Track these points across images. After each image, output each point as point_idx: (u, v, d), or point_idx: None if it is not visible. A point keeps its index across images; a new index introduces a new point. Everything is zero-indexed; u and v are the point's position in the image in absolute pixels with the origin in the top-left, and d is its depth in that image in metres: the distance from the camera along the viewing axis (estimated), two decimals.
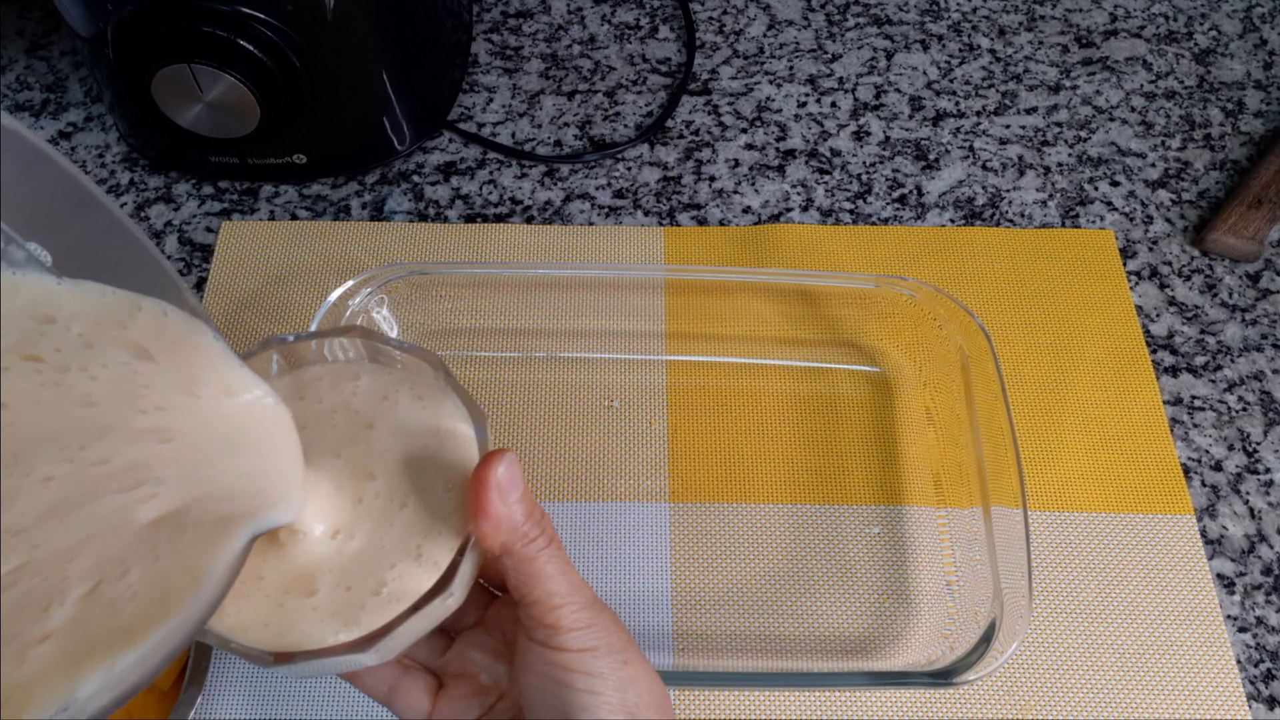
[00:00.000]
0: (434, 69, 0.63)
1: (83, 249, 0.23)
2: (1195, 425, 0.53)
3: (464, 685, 0.32)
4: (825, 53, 0.68)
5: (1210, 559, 0.49)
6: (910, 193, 0.61)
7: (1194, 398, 0.54)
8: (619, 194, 0.61)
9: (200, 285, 0.57)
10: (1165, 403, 0.53)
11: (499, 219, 0.60)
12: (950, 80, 0.67)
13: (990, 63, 0.68)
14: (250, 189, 0.61)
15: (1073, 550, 0.49)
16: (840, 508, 0.50)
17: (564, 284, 0.54)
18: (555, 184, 0.62)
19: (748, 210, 0.61)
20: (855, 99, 0.66)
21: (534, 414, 0.52)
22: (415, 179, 0.62)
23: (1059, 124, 0.65)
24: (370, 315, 0.51)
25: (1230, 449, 0.52)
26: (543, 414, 0.52)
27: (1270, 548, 0.49)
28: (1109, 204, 0.61)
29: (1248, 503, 0.50)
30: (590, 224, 0.60)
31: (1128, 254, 0.59)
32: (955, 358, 0.50)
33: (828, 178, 0.62)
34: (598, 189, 0.61)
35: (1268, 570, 0.49)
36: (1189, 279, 0.58)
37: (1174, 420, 0.53)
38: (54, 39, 0.68)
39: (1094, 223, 0.60)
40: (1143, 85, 0.67)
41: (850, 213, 0.60)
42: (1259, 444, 0.52)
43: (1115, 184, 0.62)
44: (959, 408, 0.49)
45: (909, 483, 0.50)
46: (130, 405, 0.22)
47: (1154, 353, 0.55)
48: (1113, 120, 0.65)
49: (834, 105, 0.66)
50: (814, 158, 0.63)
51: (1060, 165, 0.63)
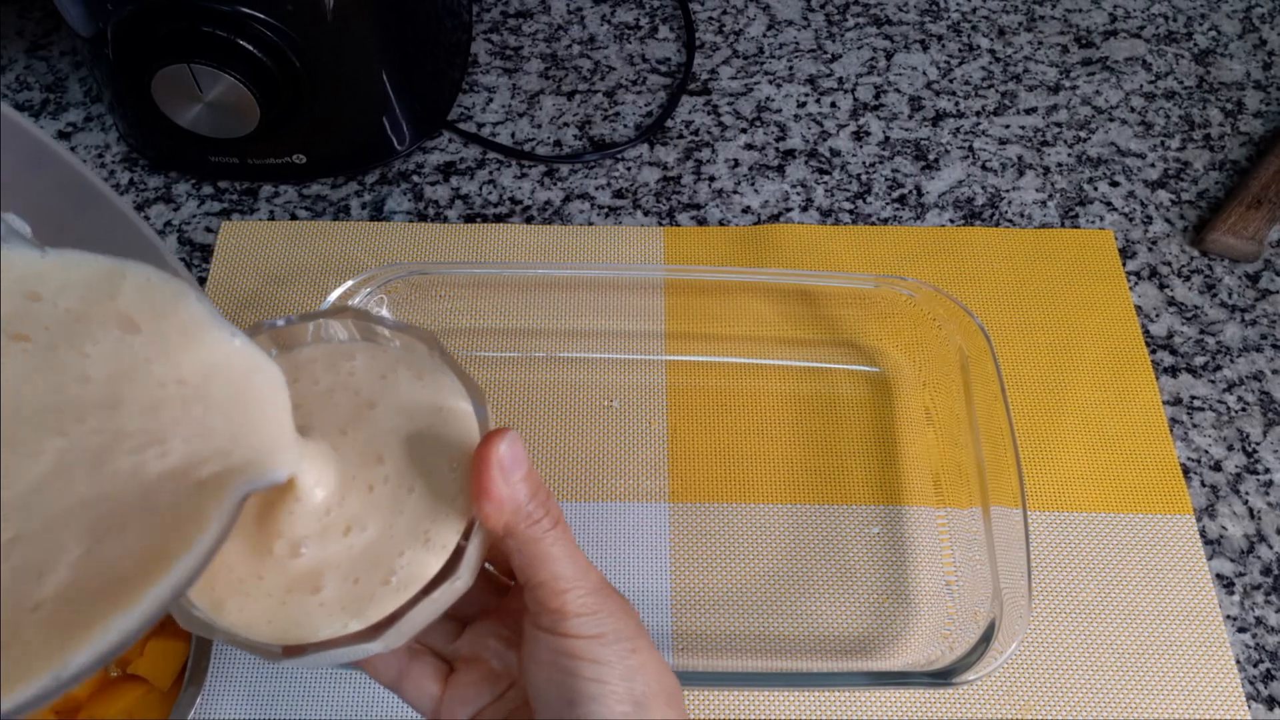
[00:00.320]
0: (434, 69, 0.63)
1: (57, 214, 0.23)
2: (1195, 425, 0.53)
3: (475, 671, 0.31)
4: (825, 53, 0.68)
5: (1210, 559, 0.49)
6: (910, 193, 0.61)
7: (1193, 398, 0.54)
8: (619, 194, 0.61)
9: (200, 285, 0.57)
10: (1165, 403, 0.53)
11: (499, 219, 0.60)
12: (950, 80, 0.67)
13: (990, 63, 0.68)
14: (250, 189, 0.61)
15: (1072, 550, 0.49)
16: (840, 508, 0.50)
17: (564, 284, 0.54)
18: (555, 184, 0.62)
19: (747, 210, 0.61)
20: (855, 99, 0.66)
21: (534, 414, 0.52)
22: (415, 179, 0.62)
23: (1059, 124, 0.65)
24: None
25: (1230, 449, 0.52)
26: (542, 414, 0.52)
27: (1269, 548, 0.49)
28: (1109, 204, 0.61)
29: (1247, 503, 0.51)
30: (590, 224, 0.60)
31: (1127, 254, 0.59)
32: (955, 358, 0.50)
33: (827, 178, 0.62)
34: (597, 189, 0.61)
35: (1267, 570, 0.49)
36: (1188, 279, 0.58)
37: (1173, 420, 0.53)
38: (54, 39, 0.68)
39: (1094, 223, 0.60)
40: (1142, 85, 0.67)
41: (850, 213, 0.60)
42: (1258, 444, 0.52)
43: (1115, 184, 0.62)
44: (958, 408, 0.49)
45: (908, 483, 0.51)
46: (124, 376, 0.22)
47: (1153, 353, 0.55)
48: (1112, 120, 0.65)
49: (834, 105, 0.66)
50: (814, 158, 0.63)
51: (1060, 165, 0.63)
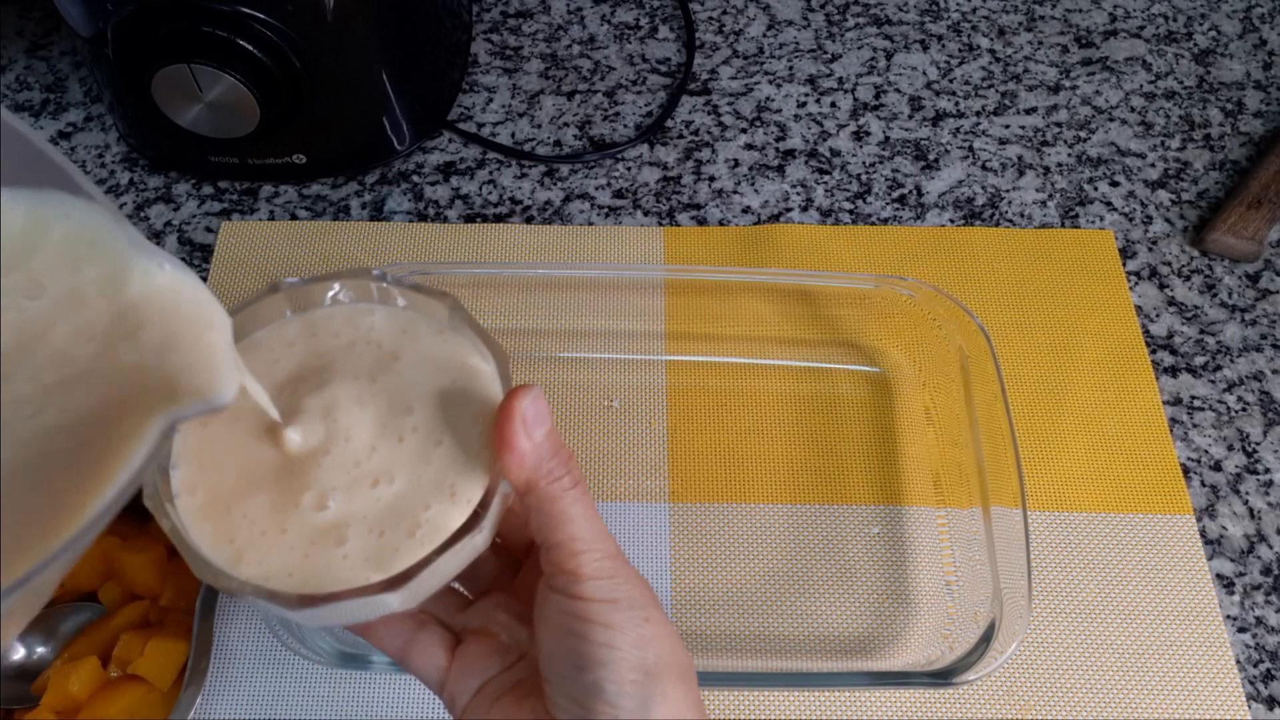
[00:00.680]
0: (434, 69, 0.63)
1: None
2: (1195, 425, 0.53)
3: (483, 642, 0.31)
4: (825, 53, 0.68)
5: (1210, 559, 0.49)
6: (910, 193, 0.61)
7: (1193, 398, 0.54)
8: (619, 194, 0.61)
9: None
10: (1165, 403, 0.53)
11: (499, 219, 0.60)
12: (950, 80, 0.67)
13: (990, 63, 0.68)
14: (250, 189, 0.61)
15: (1072, 550, 0.49)
16: (840, 508, 0.50)
17: (564, 284, 0.54)
18: (555, 184, 0.62)
19: (747, 210, 0.61)
20: (855, 99, 0.66)
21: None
22: (415, 179, 0.62)
23: (1059, 124, 0.65)
24: None
25: (1230, 449, 0.52)
26: None
27: (1270, 548, 0.49)
28: (1109, 204, 0.61)
29: (1247, 503, 0.51)
30: (590, 224, 0.60)
31: (1127, 254, 0.59)
32: (955, 358, 0.50)
33: (827, 178, 0.62)
34: (597, 189, 0.61)
35: (1267, 570, 0.49)
36: (1189, 279, 0.58)
37: (1173, 420, 0.53)
38: (54, 39, 0.68)
39: (1094, 223, 0.60)
40: (1142, 85, 0.67)
41: (850, 213, 0.60)
42: (1258, 444, 0.52)
43: (1115, 184, 0.62)
44: (958, 408, 0.49)
45: (908, 483, 0.51)
46: (59, 315, 0.22)
47: (1153, 353, 0.55)
48: (1112, 120, 0.65)
49: (834, 105, 0.66)
50: (814, 158, 0.63)
51: (1060, 165, 0.63)
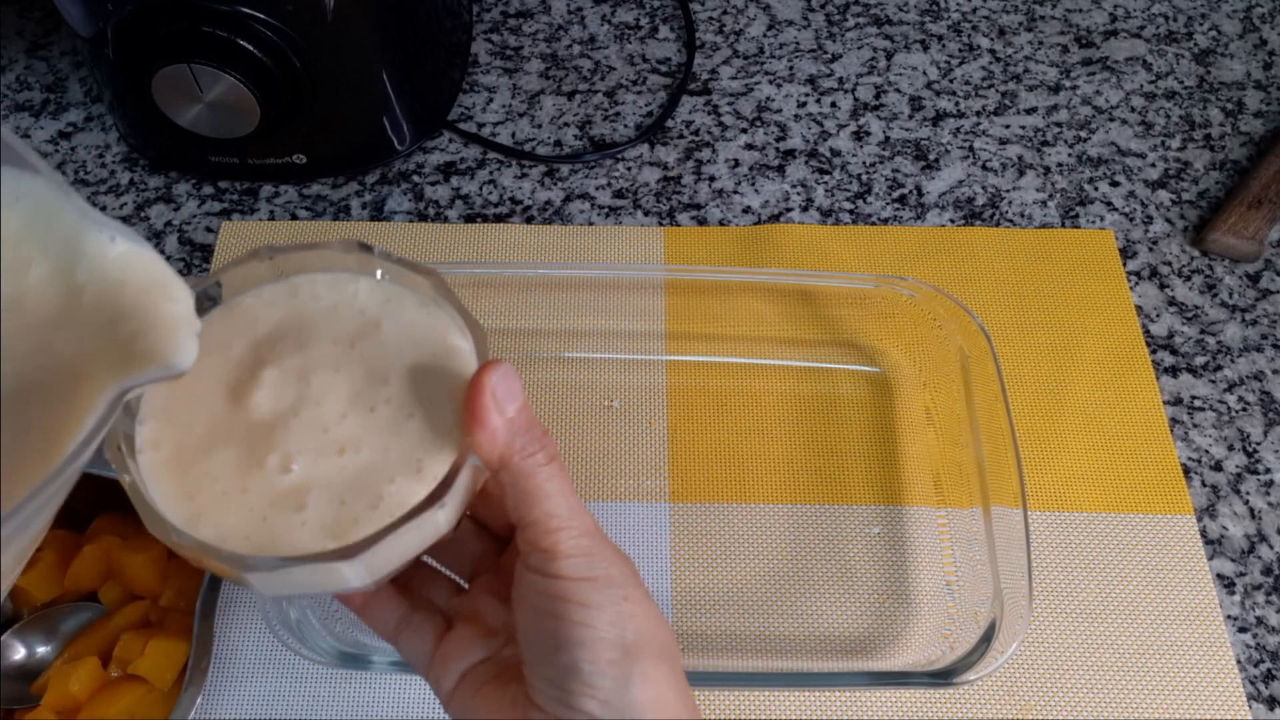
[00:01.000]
0: (434, 69, 0.63)
1: None
2: (1195, 425, 0.53)
3: (472, 627, 0.31)
4: (825, 53, 0.68)
5: (1210, 559, 0.49)
6: (910, 193, 0.61)
7: (1194, 398, 0.54)
8: (619, 194, 0.61)
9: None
10: (1165, 403, 0.53)
11: (499, 219, 0.60)
12: (950, 80, 0.67)
13: (990, 63, 0.68)
14: (250, 189, 0.61)
15: (1073, 550, 0.49)
16: (840, 508, 0.50)
17: (564, 284, 0.54)
18: (555, 184, 0.62)
19: (748, 210, 0.61)
20: (855, 99, 0.66)
21: (534, 414, 0.52)
22: (415, 179, 0.62)
23: (1059, 124, 0.65)
24: None
25: (1230, 449, 0.52)
26: (543, 414, 0.52)
27: (1270, 548, 0.49)
28: (1109, 204, 0.61)
29: (1248, 503, 0.50)
30: (590, 224, 0.60)
31: (1128, 254, 0.59)
32: (955, 358, 0.50)
33: (828, 178, 0.62)
34: (598, 189, 0.61)
35: (1268, 570, 0.49)
36: (1189, 279, 0.58)
37: (1174, 420, 0.53)
38: (54, 39, 0.68)
39: (1094, 223, 0.60)
40: (1143, 85, 0.67)
41: (850, 213, 0.60)
42: (1259, 444, 0.52)
43: (1115, 184, 0.62)
44: (959, 408, 0.49)
45: (909, 483, 0.50)
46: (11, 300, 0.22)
47: (1154, 353, 0.55)
48: (1113, 120, 0.65)
49: (834, 105, 0.66)
50: (814, 158, 0.63)
51: (1060, 165, 0.63)
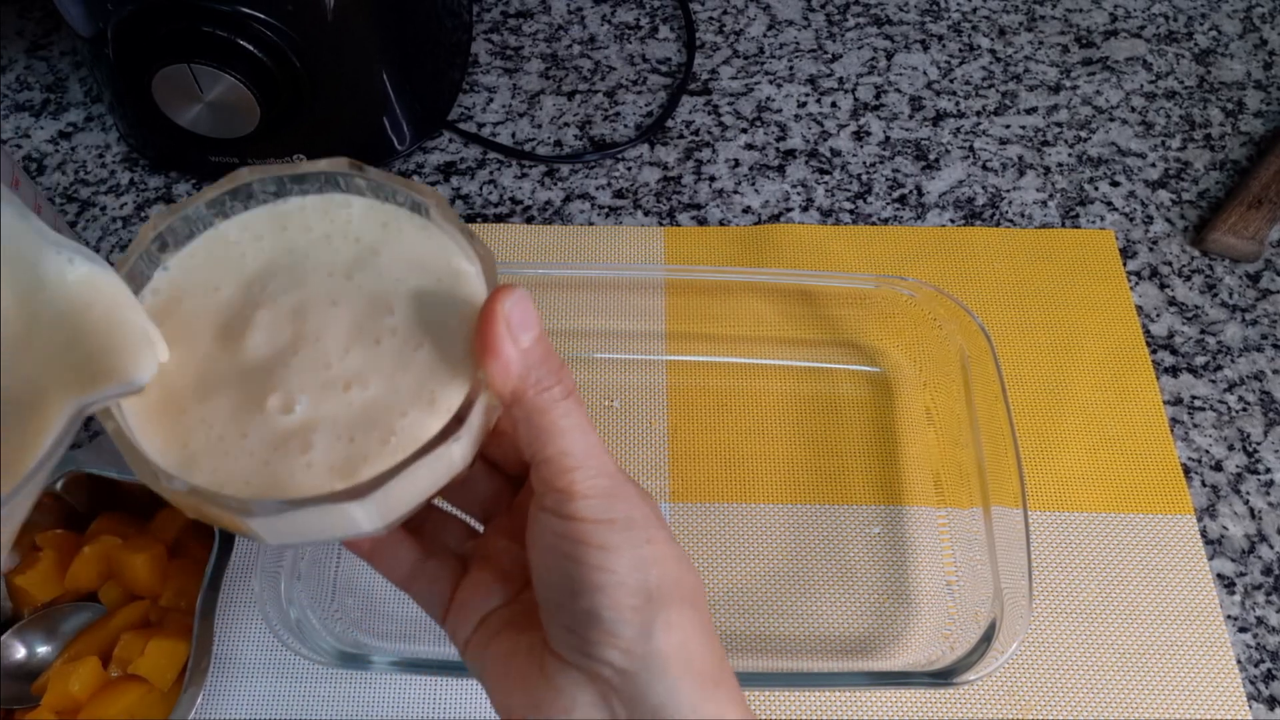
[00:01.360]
0: (434, 69, 0.63)
1: None
2: (1195, 425, 0.53)
3: (488, 571, 0.29)
4: (825, 53, 0.68)
5: (1210, 559, 0.49)
6: (910, 193, 0.61)
7: (1194, 398, 0.54)
8: (619, 194, 0.61)
9: None
10: (1165, 403, 0.53)
11: (499, 219, 0.60)
12: (950, 80, 0.67)
13: (990, 63, 0.68)
14: None
15: (1073, 550, 0.49)
16: (840, 508, 0.50)
17: (564, 284, 0.54)
18: (555, 184, 0.62)
19: (748, 210, 0.61)
20: (855, 99, 0.66)
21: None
22: (415, 179, 0.62)
23: (1059, 124, 0.65)
24: None
25: (1230, 449, 0.52)
26: None
27: (1270, 548, 0.49)
28: (1109, 204, 0.61)
29: (1248, 503, 0.50)
30: (590, 224, 0.60)
31: (1128, 254, 0.59)
32: (955, 358, 0.50)
33: (828, 178, 0.62)
34: (598, 189, 0.61)
35: (1268, 570, 0.49)
36: (1189, 279, 0.58)
37: (1174, 420, 0.53)
38: (54, 39, 0.68)
39: (1094, 223, 0.60)
40: (1143, 85, 0.67)
41: (850, 213, 0.60)
42: (1259, 444, 0.52)
43: (1115, 184, 0.62)
44: (959, 408, 0.49)
45: (909, 483, 0.50)
46: None
47: (1154, 353, 0.55)
48: (1113, 120, 0.65)
49: (834, 105, 0.66)
50: (814, 158, 0.63)
51: (1060, 165, 0.63)
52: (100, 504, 0.47)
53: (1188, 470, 0.51)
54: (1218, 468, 0.52)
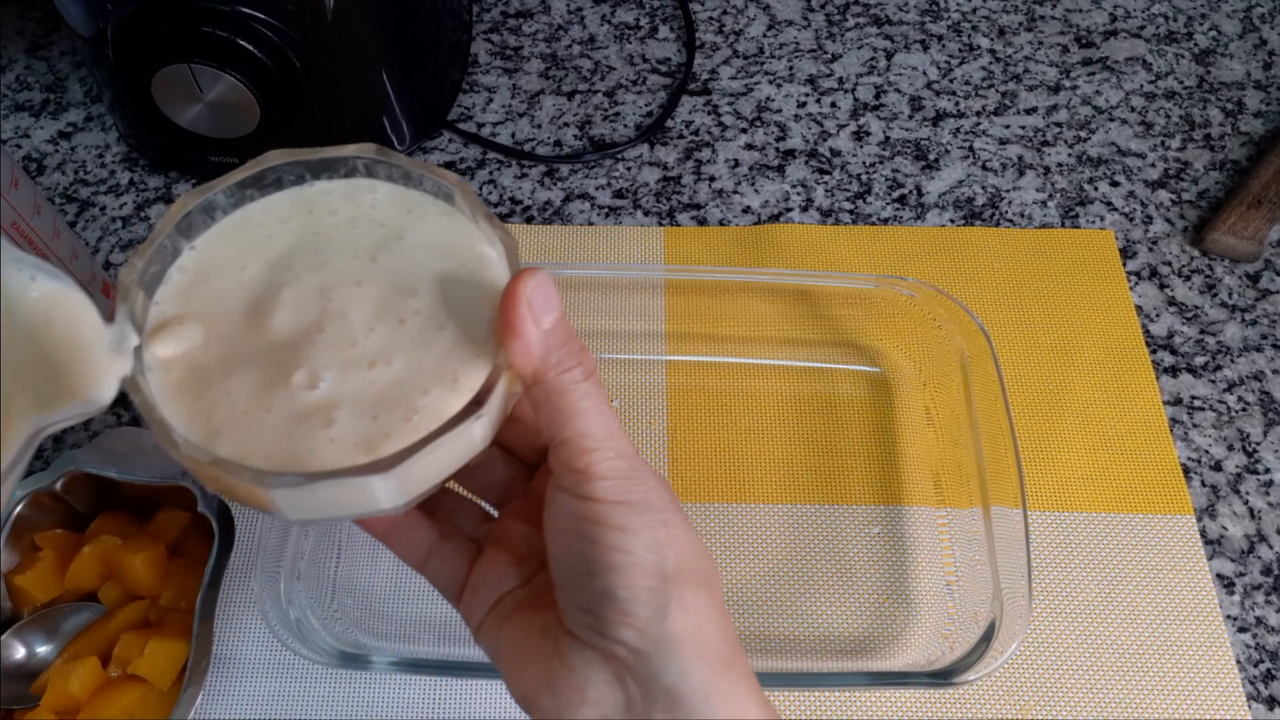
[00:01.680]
0: (434, 69, 0.63)
1: None
2: (1195, 425, 0.53)
3: (503, 553, 0.30)
4: (825, 53, 0.68)
5: (1210, 559, 0.49)
6: (910, 193, 0.61)
7: (1194, 398, 0.54)
8: (619, 194, 0.61)
9: None
10: (1165, 403, 0.53)
11: (499, 219, 0.60)
12: (950, 80, 0.67)
13: (990, 63, 0.68)
14: None
15: (1073, 550, 0.49)
16: (840, 508, 0.50)
17: (564, 284, 0.54)
18: (555, 184, 0.62)
19: (748, 210, 0.61)
20: (855, 99, 0.66)
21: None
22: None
23: (1059, 124, 0.65)
24: None
25: (1230, 449, 0.52)
26: None
27: (1270, 548, 0.49)
28: (1109, 204, 0.61)
29: (1247, 503, 0.50)
30: (590, 224, 0.60)
31: (1128, 254, 0.59)
32: (955, 358, 0.50)
33: (828, 178, 0.62)
34: (598, 189, 0.61)
35: (1267, 570, 0.49)
36: (1189, 279, 0.58)
37: (1174, 420, 0.53)
38: (54, 39, 0.68)
39: (1094, 223, 0.60)
40: (1143, 85, 0.67)
41: (850, 213, 0.60)
42: (1259, 444, 0.52)
43: (1115, 184, 0.62)
44: (959, 408, 0.49)
45: (909, 483, 0.50)
46: None
47: (1154, 353, 0.55)
48: (1113, 120, 0.65)
49: (834, 105, 0.66)
50: (814, 158, 0.63)
51: (1060, 165, 0.63)
52: (100, 504, 0.47)
53: (1187, 470, 0.51)
54: (1217, 468, 0.52)
